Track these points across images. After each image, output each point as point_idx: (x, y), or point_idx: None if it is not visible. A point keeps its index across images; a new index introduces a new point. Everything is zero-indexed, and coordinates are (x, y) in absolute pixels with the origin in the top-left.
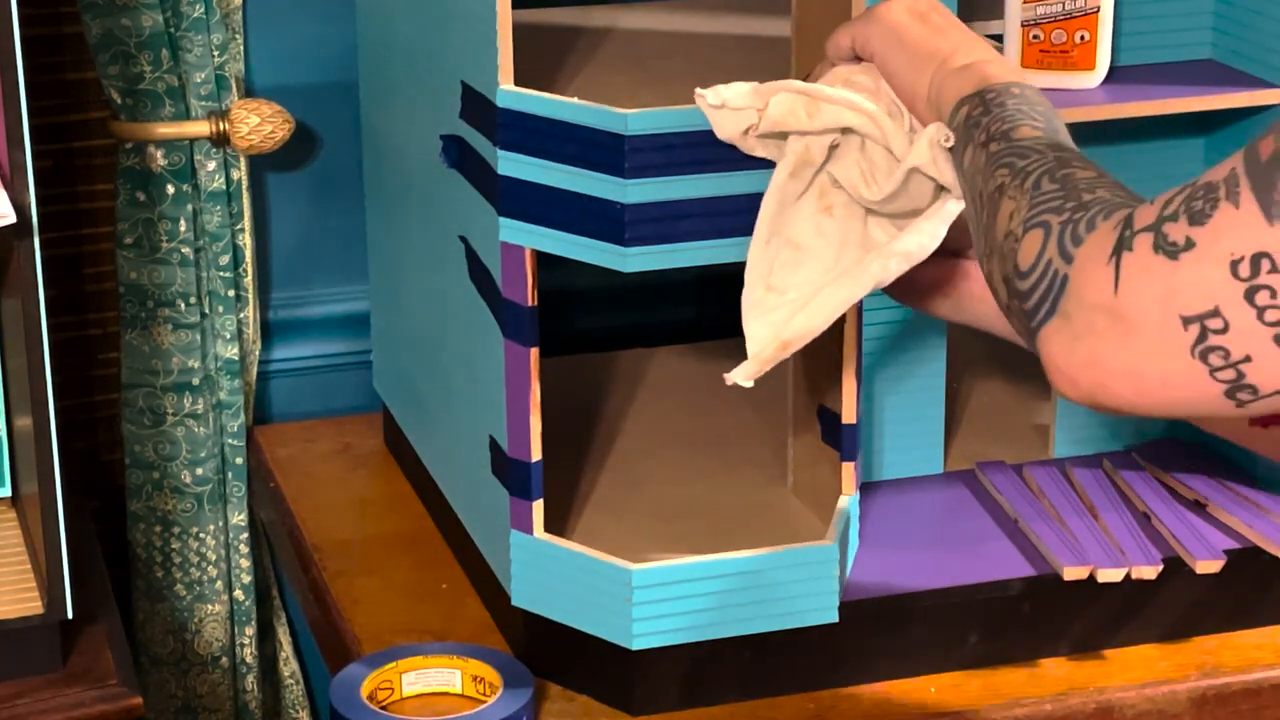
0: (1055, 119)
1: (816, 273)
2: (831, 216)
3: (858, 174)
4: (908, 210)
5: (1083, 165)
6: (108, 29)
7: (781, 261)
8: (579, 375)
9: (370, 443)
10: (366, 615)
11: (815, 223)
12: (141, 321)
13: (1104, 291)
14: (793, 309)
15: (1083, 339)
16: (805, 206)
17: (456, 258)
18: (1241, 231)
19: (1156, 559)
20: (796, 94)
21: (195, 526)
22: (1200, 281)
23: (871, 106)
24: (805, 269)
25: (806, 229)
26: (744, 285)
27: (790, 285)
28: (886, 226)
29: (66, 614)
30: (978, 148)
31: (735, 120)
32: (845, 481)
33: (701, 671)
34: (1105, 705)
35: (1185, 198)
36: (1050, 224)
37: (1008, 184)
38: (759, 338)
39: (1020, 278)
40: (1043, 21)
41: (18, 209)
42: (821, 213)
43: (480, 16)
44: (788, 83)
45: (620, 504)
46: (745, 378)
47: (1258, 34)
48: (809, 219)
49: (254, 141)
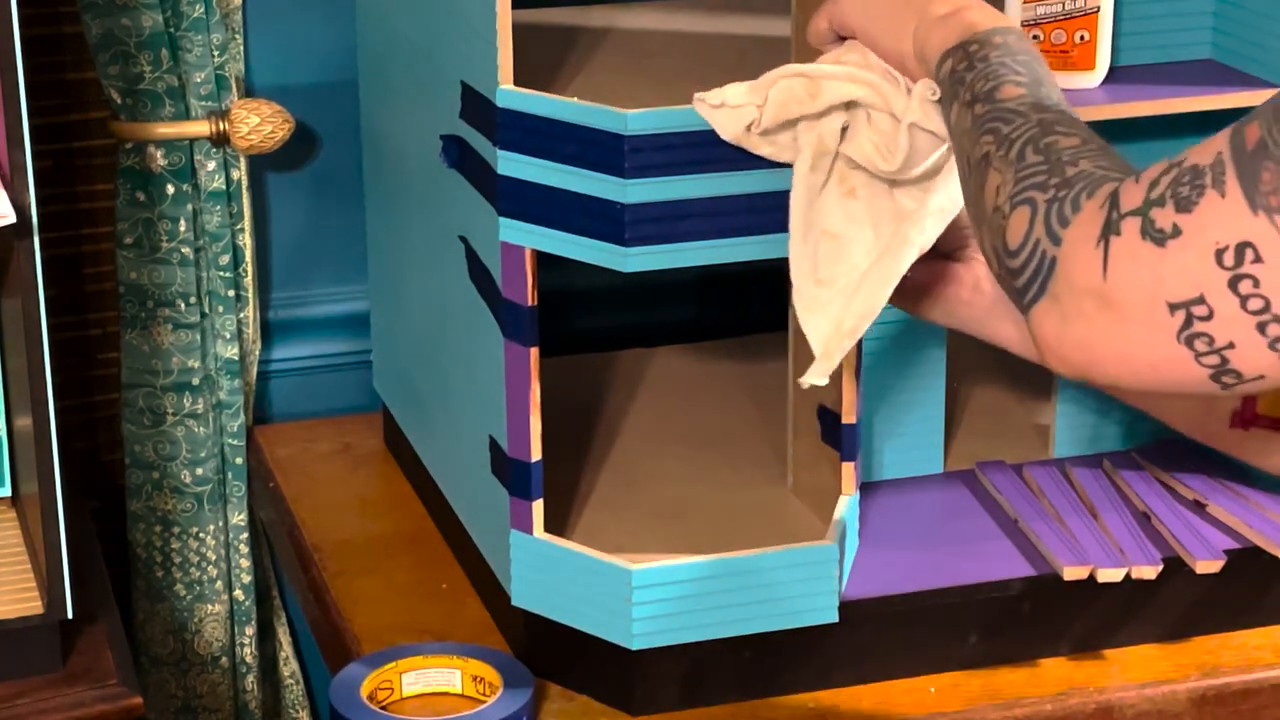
0: (1039, 66)
1: (859, 256)
2: (856, 198)
3: (871, 148)
4: (925, 170)
5: (1066, 130)
6: (108, 29)
7: (823, 253)
8: (579, 375)
9: (370, 443)
10: (366, 615)
11: (842, 208)
12: (141, 321)
13: (1093, 276)
14: (846, 297)
15: (1072, 322)
16: (830, 194)
17: (456, 258)
18: (1226, 220)
19: (1156, 559)
20: (794, 76)
21: (195, 526)
22: (1186, 269)
23: (870, 75)
24: (847, 255)
25: (836, 216)
26: (792, 285)
27: (837, 275)
28: (913, 192)
29: (66, 614)
30: (963, 107)
31: (736, 118)
32: (845, 481)
33: (701, 671)
34: (1105, 705)
35: (1172, 181)
36: (1036, 202)
37: (993, 154)
38: (820, 333)
39: (1010, 255)
40: (1043, 21)
41: (18, 209)
42: (845, 197)
43: (480, 16)
44: (783, 68)
45: (620, 504)
46: (819, 376)
47: (1258, 34)
48: (836, 206)
49: (254, 141)
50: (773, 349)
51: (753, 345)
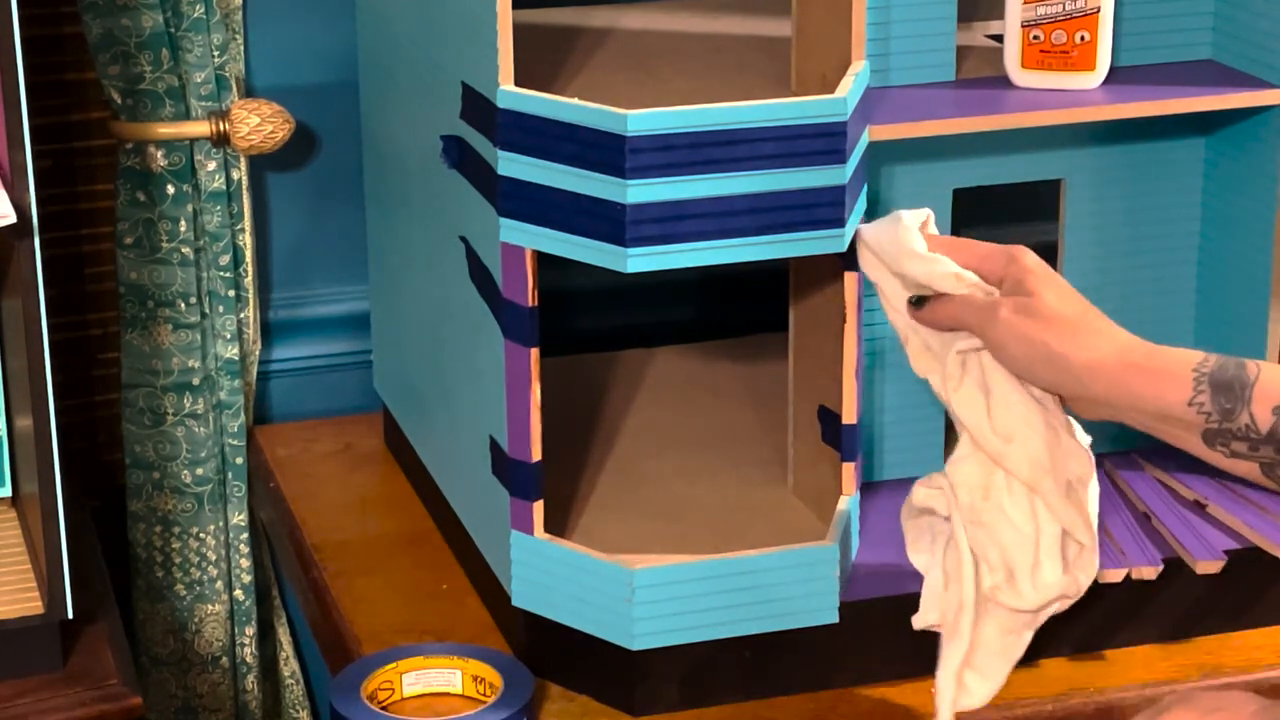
0: None
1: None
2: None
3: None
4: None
5: None
6: (108, 29)
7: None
8: (579, 375)
9: (370, 443)
10: (366, 615)
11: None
12: (142, 321)
13: None
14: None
15: None
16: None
17: (457, 258)
18: None
19: (1156, 559)
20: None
21: (195, 526)
22: None
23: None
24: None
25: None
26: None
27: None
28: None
29: (66, 614)
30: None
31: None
32: (845, 481)
33: (701, 672)
34: (1105, 705)
35: None
36: None
37: None
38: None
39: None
40: (1043, 22)
41: (18, 209)
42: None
43: (480, 17)
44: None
45: (620, 504)
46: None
47: (1258, 34)
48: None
49: (254, 141)
50: (773, 349)
51: (753, 345)
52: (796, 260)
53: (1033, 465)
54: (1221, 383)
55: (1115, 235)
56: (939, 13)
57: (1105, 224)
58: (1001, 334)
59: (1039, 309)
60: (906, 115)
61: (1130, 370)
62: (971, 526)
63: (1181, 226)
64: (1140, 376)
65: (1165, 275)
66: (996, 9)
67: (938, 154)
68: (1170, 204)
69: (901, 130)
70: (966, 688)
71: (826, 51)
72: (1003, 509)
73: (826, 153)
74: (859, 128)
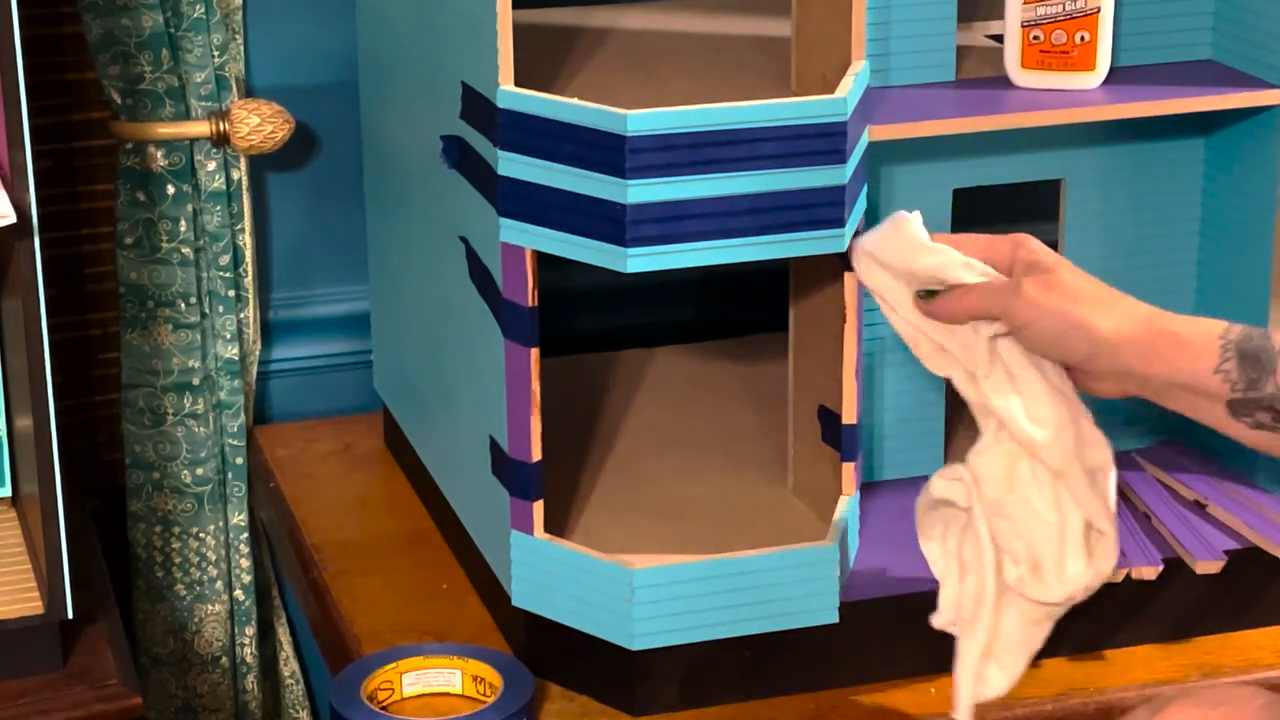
0: None
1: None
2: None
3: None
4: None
5: None
6: (108, 29)
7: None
8: (579, 375)
9: (370, 443)
10: (366, 615)
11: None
12: (141, 321)
13: None
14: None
15: None
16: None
17: (457, 258)
18: None
19: (1156, 559)
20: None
21: (195, 526)
22: None
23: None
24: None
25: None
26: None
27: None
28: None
29: (66, 614)
30: None
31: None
32: (845, 481)
33: (701, 672)
34: (1105, 705)
35: None
36: None
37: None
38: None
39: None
40: (1043, 22)
41: (18, 209)
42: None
43: (480, 17)
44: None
45: (620, 504)
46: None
47: (1258, 34)
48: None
49: (254, 141)
50: (773, 349)
51: (753, 345)
52: (796, 260)
53: (1064, 454)
54: (1248, 352)
55: (1115, 235)
56: (939, 13)
57: (1105, 224)
58: (1028, 312)
59: (1060, 284)
60: (906, 115)
61: (1162, 338)
62: (995, 519)
63: (1181, 226)
64: (1171, 344)
65: (1165, 275)
66: (996, 9)
67: (938, 154)
68: (1170, 204)
69: (901, 130)
70: (985, 679)
71: (826, 51)
72: (1028, 501)
73: (826, 153)
74: (859, 128)
